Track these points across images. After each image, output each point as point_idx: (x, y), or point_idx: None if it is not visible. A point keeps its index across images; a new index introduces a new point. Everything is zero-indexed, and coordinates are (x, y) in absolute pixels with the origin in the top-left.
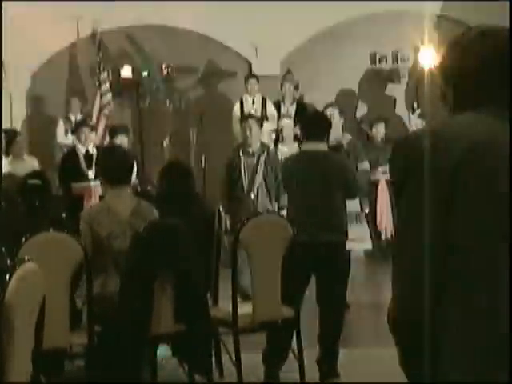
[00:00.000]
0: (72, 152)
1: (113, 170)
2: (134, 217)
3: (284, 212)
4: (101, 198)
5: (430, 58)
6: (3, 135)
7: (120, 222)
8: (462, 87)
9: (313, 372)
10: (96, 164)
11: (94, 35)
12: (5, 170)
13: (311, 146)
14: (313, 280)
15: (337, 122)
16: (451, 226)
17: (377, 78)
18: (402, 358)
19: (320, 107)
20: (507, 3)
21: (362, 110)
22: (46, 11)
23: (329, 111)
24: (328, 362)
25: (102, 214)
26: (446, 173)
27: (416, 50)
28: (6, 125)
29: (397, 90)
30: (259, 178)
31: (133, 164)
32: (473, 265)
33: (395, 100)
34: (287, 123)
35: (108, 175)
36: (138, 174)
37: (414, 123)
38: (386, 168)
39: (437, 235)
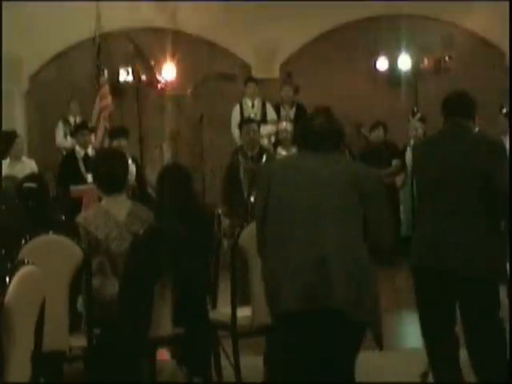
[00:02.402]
0: (71, 155)
1: (107, 179)
2: (131, 219)
3: None
4: (100, 200)
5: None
6: None
7: (117, 224)
8: (297, 141)
9: None
10: (91, 171)
11: (94, 37)
12: (3, 172)
13: None
14: None
15: None
16: (268, 211)
17: (375, 82)
18: None
19: None
20: (507, 3)
21: (361, 114)
22: (47, 12)
23: None
24: None
25: (98, 217)
26: (267, 181)
27: (415, 53)
28: (5, 126)
29: (396, 94)
30: None
31: (127, 170)
32: (275, 230)
33: (395, 104)
34: (286, 126)
35: (102, 183)
36: (137, 177)
37: (414, 127)
38: (385, 172)
39: (262, 213)
